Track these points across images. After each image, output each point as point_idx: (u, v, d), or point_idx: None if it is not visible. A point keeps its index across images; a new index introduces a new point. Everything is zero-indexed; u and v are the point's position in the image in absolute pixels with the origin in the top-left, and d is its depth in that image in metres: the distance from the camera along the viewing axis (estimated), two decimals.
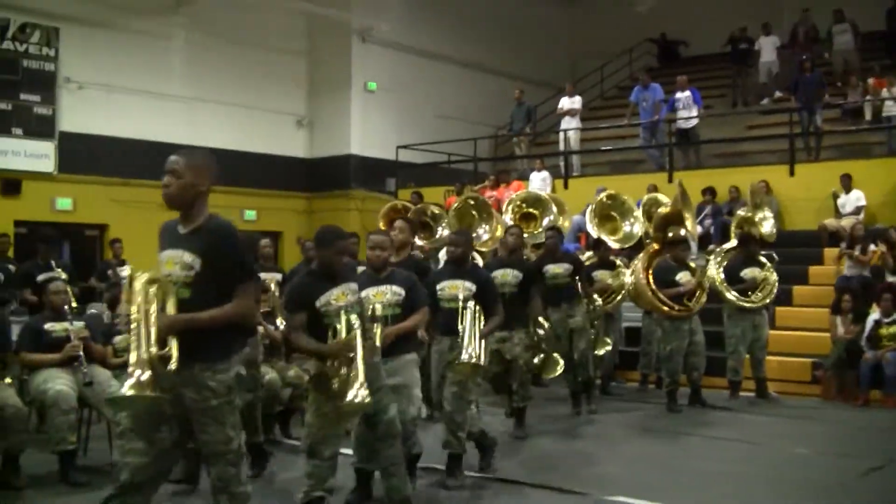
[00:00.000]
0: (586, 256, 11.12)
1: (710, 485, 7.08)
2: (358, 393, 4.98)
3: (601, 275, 10.89)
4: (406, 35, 19.42)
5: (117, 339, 7.74)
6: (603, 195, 10.08)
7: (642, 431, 9.22)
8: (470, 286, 6.87)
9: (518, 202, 11.73)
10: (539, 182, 16.33)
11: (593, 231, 8.50)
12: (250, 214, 17.59)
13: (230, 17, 17.41)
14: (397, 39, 19.32)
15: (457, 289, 6.87)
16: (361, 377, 5.02)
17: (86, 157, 15.07)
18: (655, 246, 10.59)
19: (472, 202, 11.86)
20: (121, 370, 6.95)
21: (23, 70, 15.07)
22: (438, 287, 6.97)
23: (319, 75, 19.31)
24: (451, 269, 7.15)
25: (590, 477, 7.09)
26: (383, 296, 6.16)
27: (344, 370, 5.20)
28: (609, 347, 10.81)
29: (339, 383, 5.18)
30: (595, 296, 10.39)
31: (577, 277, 9.74)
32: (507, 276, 8.27)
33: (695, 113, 16.81)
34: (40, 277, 10.25)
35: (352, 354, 5.15)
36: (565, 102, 18.52)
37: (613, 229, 9.95)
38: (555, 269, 9.64)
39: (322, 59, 19.29)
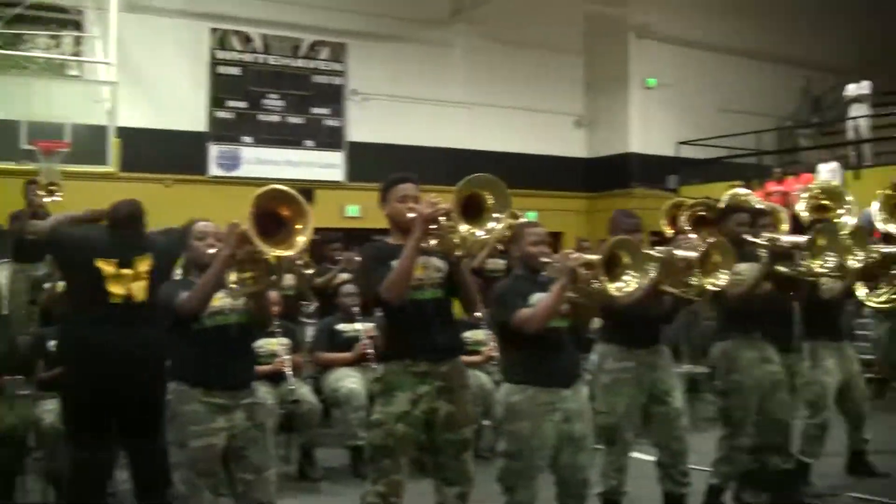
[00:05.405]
0: None
1: None
2: None
3: None
4: (684, 28, 18.96)
5: None
6: (889, 185, 9.27)
7: None
8: None
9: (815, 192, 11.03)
10: (827, 174, 15.55)
11: (881, 225, 7.86)
12: (531, 216, 17.64)
13: (507, 22, 17.61)
14: (675, 33, 18.93)
15: None
16: None
17: (373, 165, 15.68)
18: None
19: None
20: None
21: (313, 85, 16.10)
22: None
23: (597, 74, 19.23)
24: None
25: None
26: None
27: None
28: None
29: None
30: None
31: None
32: None
33: None
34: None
35: None
36: (852, 89, 17.58)
37: None
38: None
39: (599, 58, 19.19)
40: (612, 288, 4.56)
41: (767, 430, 6.00)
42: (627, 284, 4.61)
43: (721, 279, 5.09)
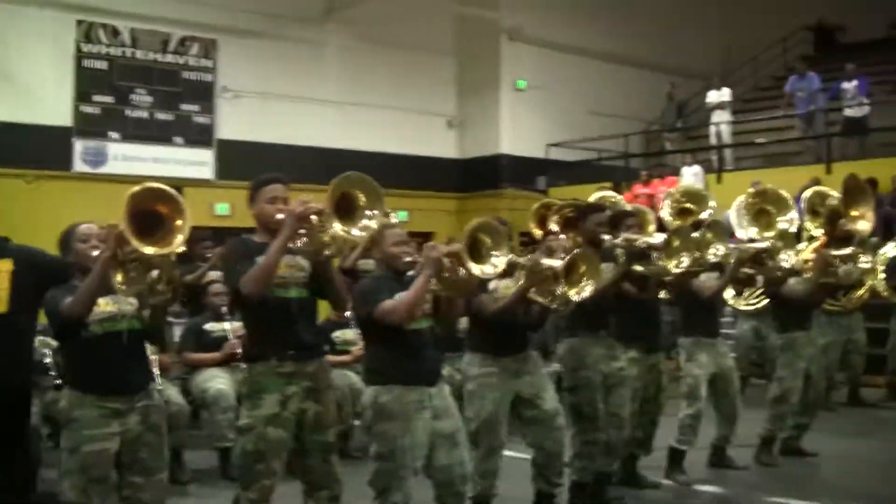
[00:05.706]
0: None
1: None
2: None
3: None
4: (555, 32, 19.23)
5: None
6: (750, 192, 9.51)
7: None
8: None
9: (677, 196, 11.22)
10: (691, 177, 15.98)
11: (741, 231, 8.05)
12: (402, 215, 17.58)
13: (380, 22, 17.57)
14: (546, 37, 19.18)
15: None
16: None
17: (243, 163, 15.49)
18: (822, 240, 10.03)
19: None
20: None
21: (183, 81, 15.79)
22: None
23: (469, 75, 19.36)
24: None
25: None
26: None
27: None
28: None
29: None
30: None
31: None
32: None
33: (865, 102, 16.16)
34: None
35: None
36: (713, 96, 18.13)
37: (768, 225, 9.30)
38: None
39: (471, 59, 19.32)
40: (479, 270, 4.62)
41: (606, 425, 6.14)
42: (496, 267, 4.71)
43: (586, 290, 5.19)
